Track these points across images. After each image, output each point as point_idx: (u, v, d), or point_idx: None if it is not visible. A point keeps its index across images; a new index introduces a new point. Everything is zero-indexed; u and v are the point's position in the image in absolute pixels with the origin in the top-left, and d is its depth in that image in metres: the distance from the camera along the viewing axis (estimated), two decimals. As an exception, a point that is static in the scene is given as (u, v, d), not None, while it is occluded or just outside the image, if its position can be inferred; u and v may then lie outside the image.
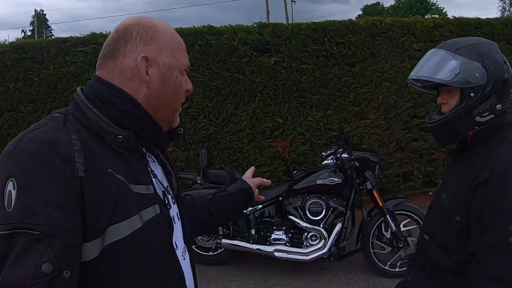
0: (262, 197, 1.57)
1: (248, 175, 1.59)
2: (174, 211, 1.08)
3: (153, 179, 1.01)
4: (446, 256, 1.39)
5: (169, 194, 1.09)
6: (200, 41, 5.51)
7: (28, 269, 0.73)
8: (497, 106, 1.36)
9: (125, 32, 0.99)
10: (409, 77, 1.54)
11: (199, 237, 4.32)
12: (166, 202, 1.04)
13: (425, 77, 1.45)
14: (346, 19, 5.70)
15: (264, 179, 1.60)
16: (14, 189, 0.77)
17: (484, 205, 1.26)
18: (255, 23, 5.71)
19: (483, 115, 1.35)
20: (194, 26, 5.67)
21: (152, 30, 1.00)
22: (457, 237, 1.35)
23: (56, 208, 0.78)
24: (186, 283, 1.05)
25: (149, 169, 1.02)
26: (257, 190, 1.54)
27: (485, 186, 1.27)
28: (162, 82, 1.00)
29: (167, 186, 1.09)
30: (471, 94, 1.35)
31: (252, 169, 1.64)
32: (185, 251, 1.11)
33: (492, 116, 1.36)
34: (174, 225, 1.05)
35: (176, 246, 1.04)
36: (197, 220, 1.36)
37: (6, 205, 0.77)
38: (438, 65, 1.42)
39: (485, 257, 1.25)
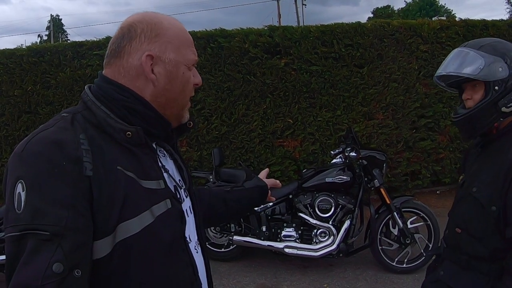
0: (273, 198, 1.63)
1: (262, 176, 1.62)
2: (187, 204, 1.08)
3: (164, 174, 1.01)
4: (482, 246, 1.47)
5: (181, 188, 1.08)
6: (212, 44, 5.64)
7: (39, 269, 0.74)
8: None
9: (129, 29, 0.98)
10: (436, 74, 1.63)
11: (211, 234, 4.41)
12: (178, 196, 1.04)
13: (454, 73, 1.54)
14: (354, 22, 5.78)
15: (277, 181, 1.63)
16: (23, 190, 0.78)
17: None
18: (266, 26, 5.82)
19: (508, 105, 1.45)
20: (206, 30, 5.81)
21: (157, 27, 0.98)
22: (494, 226, 1.42)
23: (65, 208, 0.79)
24: (200, 276, 1.05)
25: (160, 164, 1.02)
26: (269, 191, 1.58)
27: None
28: (168, 79, 0.98)
29: (179, 180, 1.09)
30: (496, 87, 1.45)
31: (266, 170, 1.68)
32: (197, 244, 1.11)
33: None
34: (187, 218, 1.05)
35: (190, 240, 1.05)
36: (213, 208, 1.38)
37: (16, 206, 0.78)
38: (464, 61, 1.52)
39: None
